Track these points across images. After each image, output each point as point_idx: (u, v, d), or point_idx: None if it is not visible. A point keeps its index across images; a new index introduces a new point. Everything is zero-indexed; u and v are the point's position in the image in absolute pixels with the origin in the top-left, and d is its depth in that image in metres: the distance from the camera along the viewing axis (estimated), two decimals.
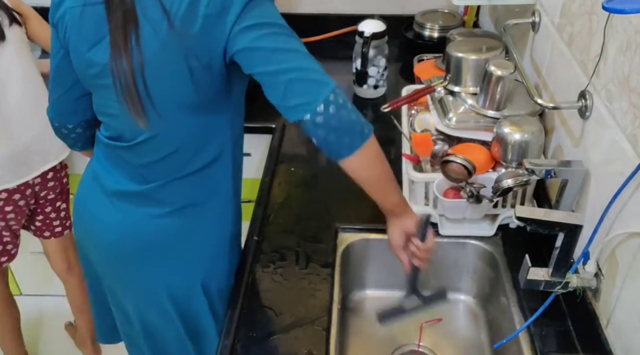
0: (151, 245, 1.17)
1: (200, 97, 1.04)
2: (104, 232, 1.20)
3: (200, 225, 1.18)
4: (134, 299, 1.26)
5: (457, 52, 1.30)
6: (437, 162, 1.24)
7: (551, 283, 1.03)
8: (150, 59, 0.98)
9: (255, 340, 1.07)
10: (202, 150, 1.11)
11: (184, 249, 1.18)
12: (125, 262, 1.21)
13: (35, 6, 2.15)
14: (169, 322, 1.23)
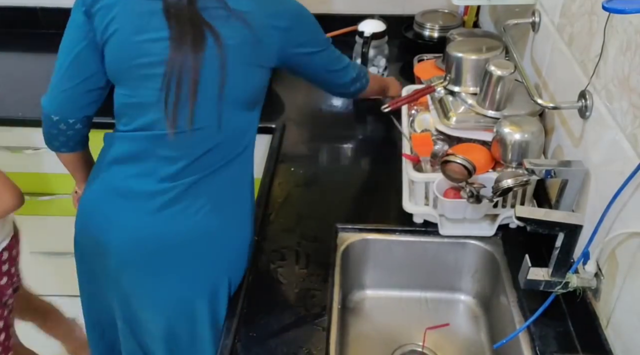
0: (180, 244, 1.15)
1: (254, 96, 1.16)
2: (124, 236, 1.16)
3: (229, 222, 1.19)
4: (158, 302, 1.19)
5: (457, 52, 1.30)
6: (437, 162, 1.24)
7: (551, 283, 1.03)
8: (231, 58, 1.07)
9: (255, 340, 1.07)
10: (236, 145, 1.18)
11: (212, 248, 1.17)
12: (151, 263, 1.16)
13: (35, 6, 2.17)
14: (197, 323, 1.19)
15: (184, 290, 1.17)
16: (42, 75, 1.96)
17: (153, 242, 1.15)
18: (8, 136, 1.82)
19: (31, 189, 1.94)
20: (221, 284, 1.17)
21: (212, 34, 1.06)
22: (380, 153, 1.55)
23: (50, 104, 1.21)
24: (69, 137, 1.25)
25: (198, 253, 1.16)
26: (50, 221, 2.04)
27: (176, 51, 1.06)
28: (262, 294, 1.15)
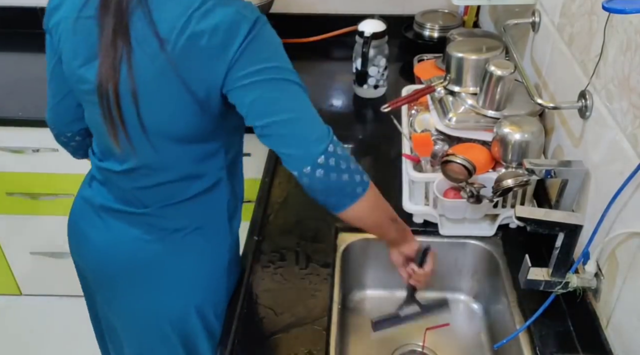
0: (143, 268, 1.12)
1: (195, 129, 1.00)
2: (96, 252, 1.16)
3: (194, 251, 1.12)
4: (128, 323, 1.20)
5: (457, 52, 1.30)
6: (437, 162, 1.24)
7: (551, 283, 1.03)
8: (143, 87, 0.94)
9: (255, 340, 1.07)
10: (196, 179, 1.07)
11: (177, 274, 1.12)
12: (117, 285, 1.16)
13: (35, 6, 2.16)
14: (168, 347, 1.17)
15: (146, 317, 1.15)
16: (42, 75, 1.95)
17: (119, 262, 1.13)
18: (8, 136, 1.82)
19: (31, 189, 1.95)
20: (187, 309, 1.13)
21: (127, 59, 0.92)
22: (380, 153, 1.55)
23: (48, 119, 1.23)
24: (75, 147, 1.27)
25: (155, 278, 1.13)
26: (50, 221, 2.04)
27: (101, 76, 0.94)
28: (262, 294, 1.15)
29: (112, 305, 1.21)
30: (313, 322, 1.10)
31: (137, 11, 0.91)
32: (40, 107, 1.79)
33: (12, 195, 1.95)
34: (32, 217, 2.03)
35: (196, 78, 0.93)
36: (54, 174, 1.91)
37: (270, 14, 1.97)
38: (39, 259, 2.14)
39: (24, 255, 2.15)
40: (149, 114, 0.96)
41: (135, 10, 0.91)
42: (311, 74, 1.98)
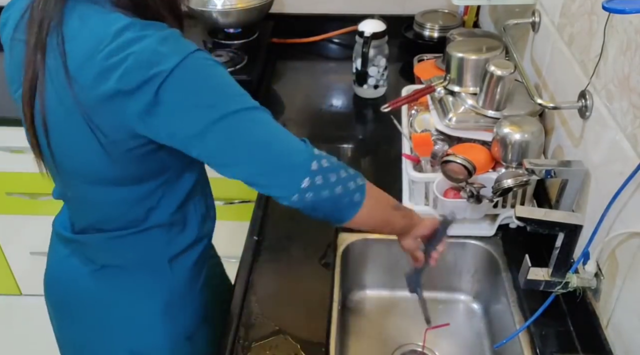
0: (78, 302, 1.08)
1: (112, 176, 0.89)
2: (46, 277, 1.16)
3: (125, 290, 1.05)
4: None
5: (457, 52, 1.30)
6: (437, 162, 1.24)
7: (551, 283, 1.03)
8: (53, 123, 0.84)
9: (255, 340, 1.06)
10: (122, 220, 0.97)
11: (109, 313, 1.06)
12: (56, 313, 1.16)
13: None
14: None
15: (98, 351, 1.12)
16: None
17: (55, 290, 1.14)
18: (8, 136, 1.82)
19: (31, 189, 1.94)
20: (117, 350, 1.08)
21: (40, 90, 0.83)
22: (380, 153, 1.55)
23: None
24: None
25: (88, 316, 1.08)
26: (50, 221, 2.04)
27: (22, 107, 0.86)
28: (262, 294, 1.15)
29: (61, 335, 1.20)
30: (313, 322, 1.10)
31: (52, 37, 0.81)
32: None
33: (12, 195, 1.95)
34: (32, 217, 2.03)
35: (107, 124, 0.81)
36: None
37: (270, 14, 1.97)
38: (39, 259, 2.13)
39: (24, 255, 2.14)
40: (60, 153, 0.88)
41: (52, 35, 0.80)
42: (311, 74, 1.98)
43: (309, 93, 1.85)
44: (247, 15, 1.86)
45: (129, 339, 1.07)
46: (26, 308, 2.27)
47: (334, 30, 2.03)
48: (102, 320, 1.07)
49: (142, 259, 1.03)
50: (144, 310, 1.05)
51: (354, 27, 1.74)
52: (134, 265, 1.03)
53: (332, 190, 0.87)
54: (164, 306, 1.06)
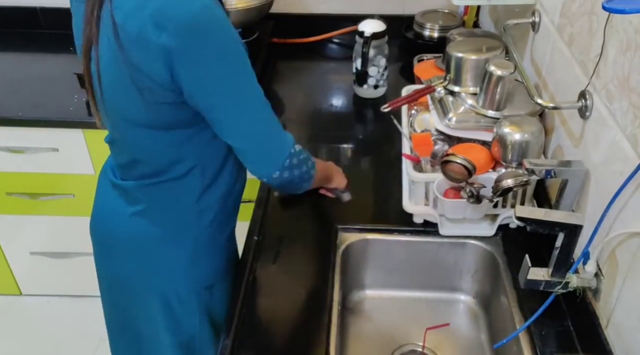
0: (119, 240, 1.18)
1: (151, 119, 1.00)
2: (93, 216, 1.24)
3: (157, 235, 1.15)
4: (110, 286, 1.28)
5: (457, 52, 1.30)
6: (437, 162, 1.24)
7: (551, 283, 1.03)
8: (105, 70, 0.97)
9: (255, 340, 1.07)
10: (163, 164, 1.08)
11: (144, 253, 1.17)
12: (101, 250, 1.24)
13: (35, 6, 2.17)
14: (153, 325, 1.23)
15: (131, 287, 1.22)
16: (42, 75, 1.97)
17: (100, 231, 1.22)
18: (8, 136, 1.82)
19: (31, 189, 1.95)
20: (150, 292, 1.19)
21: (95, 42, 0.95)
22: (380, 153, 1.55)
23: None
24: None
25: (129, 254, 1.18)
26: (50, 221, 2.04)
27: (83, 55, 0.99)
28: (262, 294, 1.15)
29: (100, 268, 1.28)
30: (313, 322, 1.10)
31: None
32: (40, 107, 1.80)
33: (12, 195, 1.96)
34: (32, 217, 2.03)
35: (145, 72, 0.92)
36: (53, 174, 1.91)
37: (270, 14, 1.97)
38: (39, 259, 2.14)
39: (24, 255, 2.15)
40: (109, 97, 1.00)
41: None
42: (311, 74, 1.98)
43: (309, 93, 1.85)
44: (247, 15, 1.86)
45: (157, 281, 1.18)
46: (26, 308, 2.28)
47: (334, 30, 2.04)
48: (136, 261, 1.18)
49: (174, 206, 1.13)
50: (172, 255, 1.17)
51: (354, 27, 1.74)
52: (166, 212, 1.14)
53: (300, 170, 1.09)
54: (190, 254, 1.17)
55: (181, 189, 1.11)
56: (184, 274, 1.19)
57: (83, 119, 1.76)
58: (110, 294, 1.29)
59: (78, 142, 1.81)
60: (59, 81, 1.91)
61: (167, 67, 0.91)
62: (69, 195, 1.95)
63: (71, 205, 1.98)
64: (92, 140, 1.81)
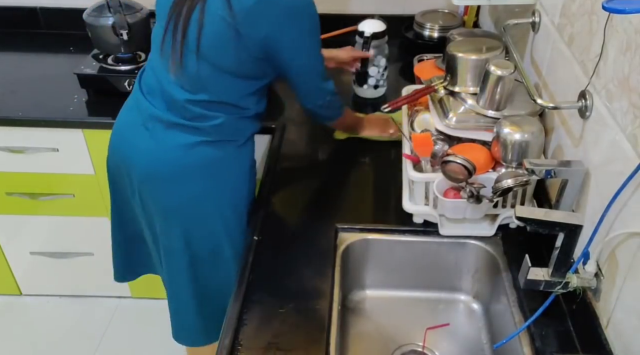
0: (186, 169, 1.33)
1: (237, 68, 1.26)
2: (145, 156, 1.34)
3: (225, 159, 1.36)
4: (176, 221, 1.37)
5: (457, 52, 1.30)
6: (437, 162, 1.24)
7: (551, 283, 1.03)
8: (209, 21, 1.19)
9: (255, 340, 1.07)
10: (233, 106, 1.32)
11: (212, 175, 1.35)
12: (162, 186, 1.35)
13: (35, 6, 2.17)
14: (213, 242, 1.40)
15: (193, 207, 1.36)
16: (42, 75, 1.97)
17: (163, 165, 1.33)
18: (8, 136, 1.82)
19: (31, 189, 1.95)
20: (226, 206, 1.38)
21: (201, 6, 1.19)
22: (380, 153, 1.55)
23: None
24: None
25: (198, 178, 1.34)
26: (50, 221, 2.04)
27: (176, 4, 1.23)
28: (262, 294, 1.15)
29: (157, 200, 1.38)
30: (313, 322, 1.10)
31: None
32: (40, 107, 1.80)
33: (12, 195, 1.96)
34: (32, 217, 2.03)
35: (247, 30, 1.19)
36: (53, 174, 1.91)
37: None
38: (39, 259, 2.14)
39: (24, 255, 2.15)
40: (206, 44, 1.21)
41: None
42: None
43: None
44: None
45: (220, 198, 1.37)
46: (26, 308, 2.28)
47: (334, 30, 2.03)
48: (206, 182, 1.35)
49: (240, 135, 1.38)
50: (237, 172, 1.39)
51: (354, 27, 1.74)
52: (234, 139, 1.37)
53: (327, 112, 1.46)
54: (249, 168, 1.43)
55: (245, 123, 1.37)
56: (247, 185, 1.41)
57: (83, 119, 1.76)
58: (166, 223, 1.39)
59: (78, 142, 1.81)
60: (59, 81, 1.91)
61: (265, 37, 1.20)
62: (69, 195, 1.95)
63: (71, 205, 1.98)
64: (92, 140, 1.81)
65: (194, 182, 1.34)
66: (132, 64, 1.85)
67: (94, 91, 1.85)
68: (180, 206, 1.36)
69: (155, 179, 1.35)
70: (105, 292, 2.26)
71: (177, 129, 1.31)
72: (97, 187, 1.91)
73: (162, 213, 1.38)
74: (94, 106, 1.81)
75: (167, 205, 1.37)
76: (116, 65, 1.84)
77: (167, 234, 1.40)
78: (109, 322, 2.22)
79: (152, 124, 1.33)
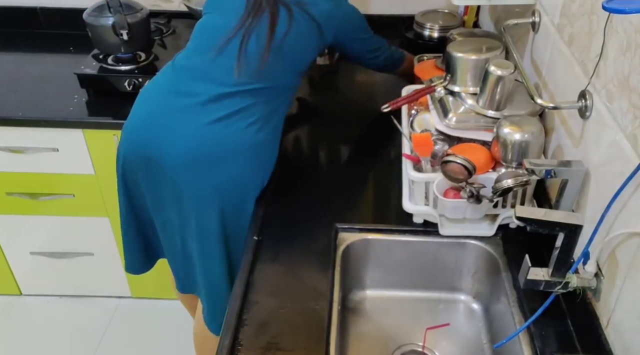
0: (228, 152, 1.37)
1: (301, 64, 1.44)
2: (183, 143, 1.37)
3: (267, 138, 1.42)
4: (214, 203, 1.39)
5: (457, 52, 1.30)
6: (437, 162, 1.24)
7: (551, 283, 1.03)
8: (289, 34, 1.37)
9: (255, 340, 1.07)
10: (276, 96, 1.43)
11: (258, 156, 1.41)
12: (205, 169, 1.37)
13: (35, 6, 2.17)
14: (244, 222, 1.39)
15: (234, 188, 1.39)
16: (42, 75, 1.97)
17: (209, 147, 1.37)
18: (8, 136, 1.82)
19: (31, 189, 1.95)
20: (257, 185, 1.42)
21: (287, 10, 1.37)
22: (380, 153, 1.55)
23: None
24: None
25: (246, 159, 1.39)
26: (50, 221, 2.04)
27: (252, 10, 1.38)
28: (262, 294, 1.15)
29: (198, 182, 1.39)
30: (313, 322, 1.10)
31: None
32: (40, 107, 1.80)
33: (12, 195, 1.96)
34: (32, 217, 2.03)
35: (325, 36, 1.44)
36: (53, 174, 1.91)
37: None
38: (39, 259, 2.14)
39: (24, 255, 2.15)
40: (290, 46, 1.38)
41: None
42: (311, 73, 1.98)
43: (309, 93, 1.85)
44: None
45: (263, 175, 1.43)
46: (26, 308, 2.28)
47: None
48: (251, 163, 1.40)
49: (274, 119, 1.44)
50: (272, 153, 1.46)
51: None
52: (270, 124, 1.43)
53: (393, 56, 1.68)
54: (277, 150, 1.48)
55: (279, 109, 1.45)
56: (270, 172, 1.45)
57: (83, 119, 1.76)
58: (202, 206, 1.41)
59: (78, 142, 1.81)
60: (59, 81, 1.91)
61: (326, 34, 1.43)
62: (69, 195, 1.95)
63: (71, 205, 1.98)
64: (92, 140, 1.81)
65: (237, 163, 1.38)
66: (132, 64, 1.85)
67: (94, 91, 1.85)
68: (222, 187, 1.38)
69: (197, 162, 1.37)
70: (105, 292, 2.27)
71: (221, 113, 1.36)
72: (97, 187, 1.91)
73: (198, 196, 1.40)
74: (94, 106, 1.81)
75: (207, 187, 1.39)
76: (116, 65, 1.84)
77: (202, 217, 1.41)
78: (109, 322, 2.22)
79: (195, 108, 1.37)
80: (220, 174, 1.37)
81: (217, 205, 1.38)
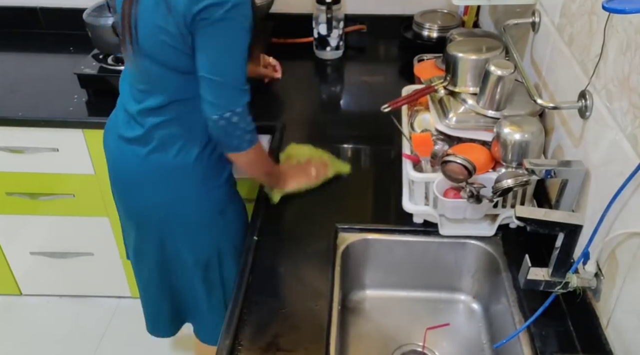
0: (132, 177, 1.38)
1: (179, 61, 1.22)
2: (111, 169, 1.43)
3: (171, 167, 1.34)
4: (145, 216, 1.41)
5: (457, 52, 1.30)
6: (437, 162, 1.24)
7: (551, 283, 1.03)
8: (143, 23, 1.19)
9: (255, 341, 1.07)
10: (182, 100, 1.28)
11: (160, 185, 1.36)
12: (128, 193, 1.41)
13: (35, 6, 2.17)
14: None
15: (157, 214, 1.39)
16: (42, 75, 1.97)
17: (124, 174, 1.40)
18: (8, 136, 1.82)
19: (31, 189, 1.95)
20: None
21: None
22: (380, 153, 1.55)
23: None
24: None
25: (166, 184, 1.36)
26: (50, 221, 2.04)
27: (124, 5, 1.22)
28: (262, 294, 1.15)
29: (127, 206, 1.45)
30: (313, 322, 1.10)
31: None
32: (40, 107, 1.80)
33: (12, 195, 1.96)
34: (32, 217, 2.03)
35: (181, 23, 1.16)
36: (53, 174, 1.91)
37: (270, 14, 1.97)
38: (39, 259, 2.14)
39: (24, 255, 2.15)
40: (144, 41, 1.21)
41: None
42: (311, 73, 1.98)
43: (309, 93, 1.85)
44: None
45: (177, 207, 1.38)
46: (26, 308, 2.28)
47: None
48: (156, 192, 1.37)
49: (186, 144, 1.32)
50: (183, 184, 1.36)
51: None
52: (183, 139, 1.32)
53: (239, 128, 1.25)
54: (200, 181, 1.36)
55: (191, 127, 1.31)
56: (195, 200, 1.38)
57: (83, 119, 1.76)
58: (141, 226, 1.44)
59: (78, 142, 1.81)
60: (59, 81, 1.91)
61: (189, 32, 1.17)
62: (69, 195, 1.95)
63: (71, 205, 1.98)
64: (92, 140, 1.81)
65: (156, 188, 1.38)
66: None
67: (94, 91, 1.85)
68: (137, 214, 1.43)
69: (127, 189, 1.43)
70: (105, 292, 2.27)
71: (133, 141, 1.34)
72: (97, 187, 1.91)
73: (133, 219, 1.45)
74: (94, 106, 1.81)
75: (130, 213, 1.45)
76: (116, 65, 1.84)
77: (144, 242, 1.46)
78: (109, 322, 2.22)
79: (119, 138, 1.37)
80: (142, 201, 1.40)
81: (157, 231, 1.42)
